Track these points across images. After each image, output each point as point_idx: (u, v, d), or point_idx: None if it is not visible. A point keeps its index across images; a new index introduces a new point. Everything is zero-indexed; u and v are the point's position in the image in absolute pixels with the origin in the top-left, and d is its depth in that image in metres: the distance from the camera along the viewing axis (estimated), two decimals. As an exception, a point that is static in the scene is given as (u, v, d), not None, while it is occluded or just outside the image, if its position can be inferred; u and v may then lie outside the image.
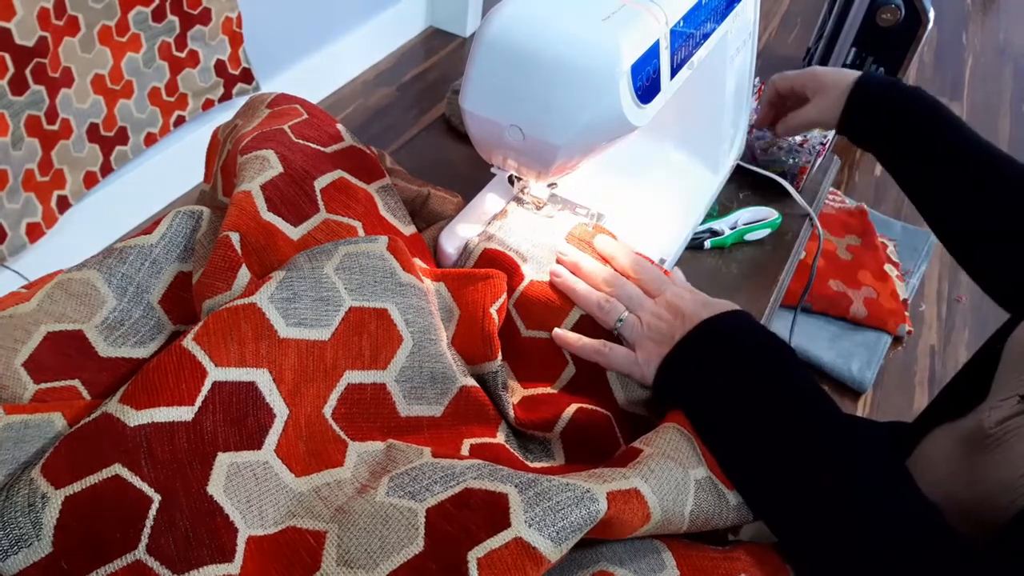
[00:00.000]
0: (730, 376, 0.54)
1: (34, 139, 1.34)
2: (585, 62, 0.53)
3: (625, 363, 0.59)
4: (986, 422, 0.55)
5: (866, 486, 0.48)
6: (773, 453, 0.51)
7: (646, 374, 0.58)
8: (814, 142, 0.93)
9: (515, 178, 0.69)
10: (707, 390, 0.54)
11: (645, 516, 0.45)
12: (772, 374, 0.54)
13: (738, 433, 0.52)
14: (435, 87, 2.25)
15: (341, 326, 0.52)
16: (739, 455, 0.52)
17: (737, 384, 0.53)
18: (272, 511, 0.46)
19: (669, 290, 0.62)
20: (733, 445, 0.52)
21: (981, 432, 0.55)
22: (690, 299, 0.60)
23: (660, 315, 0.59)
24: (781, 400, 0.52)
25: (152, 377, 0.45)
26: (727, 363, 0.55)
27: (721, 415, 0.53)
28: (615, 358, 0.59)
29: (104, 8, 1.39)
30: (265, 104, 0.70)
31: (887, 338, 1.70)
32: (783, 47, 2.73)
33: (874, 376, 1.62)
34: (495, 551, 0.40)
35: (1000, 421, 0.54)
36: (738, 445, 0.52)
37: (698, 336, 0.57)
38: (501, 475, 0.45)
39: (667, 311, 0.59)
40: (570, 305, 0.62)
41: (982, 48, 3.01)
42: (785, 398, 0.52)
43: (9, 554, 0.40)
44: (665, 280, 0.63)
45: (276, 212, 0.58)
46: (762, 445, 0.51)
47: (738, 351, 0.55)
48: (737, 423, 0.52)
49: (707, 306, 0.59)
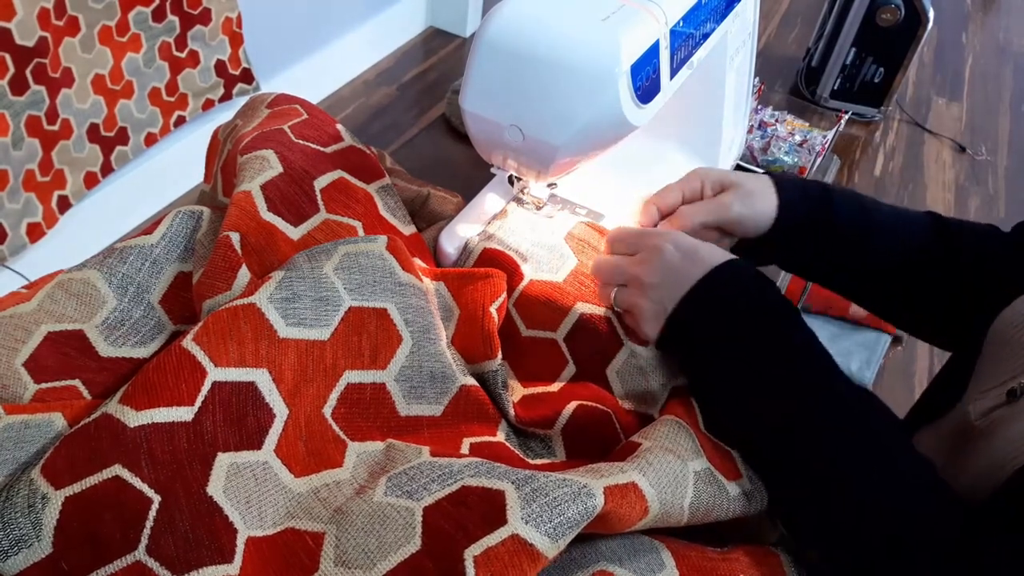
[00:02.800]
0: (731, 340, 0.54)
1: (34, 139, 1.34)
2: (585, 62, 0.54)
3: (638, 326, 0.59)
4: (972, 414, 0.55)
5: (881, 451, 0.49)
6: (781, 410, 0.51)
7: (649, 334, 0.58)
8: (814, 142, 0.93)
9: (515, 178, 0.69)
10: (710, 351, 0.55)
11: (643, 510, 0.45)
12: (776, 331, 0.54)
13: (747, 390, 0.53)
14: (435, 87, 2.25)
15: (341, 326, 0.52)
16: (746, 413, 0.52)
17: (739, 348, 0.54)
18: (271, 512, 0.46)
19: (648, 248, 0.60)
20: (740, 402, 0.53)
21: (967, 425, 0.55)
22: (671, 255, 0.58)
23: (642, 276, 0.59)
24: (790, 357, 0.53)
25: (152, 377, 0.45)
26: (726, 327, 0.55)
27: (727, 369, 0.54)
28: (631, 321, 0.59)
29: (104, 8, 1.39)
30: (265, 104, 0.70)
31: (886, 338, 1.70)
32: (783, 47, 2.73)
33: (873, 376, 1.62)
34: (492, 548, 0.40)
35: (985, 412, 0.54)
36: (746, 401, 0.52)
37: (700, 291, 0.56)
38: (498, 472, 0.45)
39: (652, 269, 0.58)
40: (570, 305, 0.62)
41: (982, 48, 3.01)
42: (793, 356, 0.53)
43: (9, 555, 0.40)
44: (641, 235, 0.62)
45: (276, 212, 0.58)
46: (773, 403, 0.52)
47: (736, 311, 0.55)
48: (745, 379, 0.53)
49: (692, 257, 0.57)
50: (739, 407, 0.54)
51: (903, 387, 1.67)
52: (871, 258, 0.66)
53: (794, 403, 0.51)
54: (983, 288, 0.63)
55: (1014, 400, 0.52)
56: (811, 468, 0.49)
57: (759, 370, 0.53)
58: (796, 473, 0.50)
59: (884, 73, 2.33)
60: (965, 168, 2.39)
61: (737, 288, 0.56)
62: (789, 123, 1.02)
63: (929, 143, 2.47)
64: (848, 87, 2.40)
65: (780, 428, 0.51)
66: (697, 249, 0.58)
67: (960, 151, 2.45)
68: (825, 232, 0.66)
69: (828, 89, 2.41)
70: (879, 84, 2.37)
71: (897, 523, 0.46)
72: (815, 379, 0.52)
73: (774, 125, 0.99)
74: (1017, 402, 0.52)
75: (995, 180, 2.37)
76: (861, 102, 2.42)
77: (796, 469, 0.50)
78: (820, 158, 0.96)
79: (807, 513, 0.50)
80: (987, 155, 2.45)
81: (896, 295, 0.69)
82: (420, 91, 2.23)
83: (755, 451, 0.53)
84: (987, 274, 0.64)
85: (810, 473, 0.49)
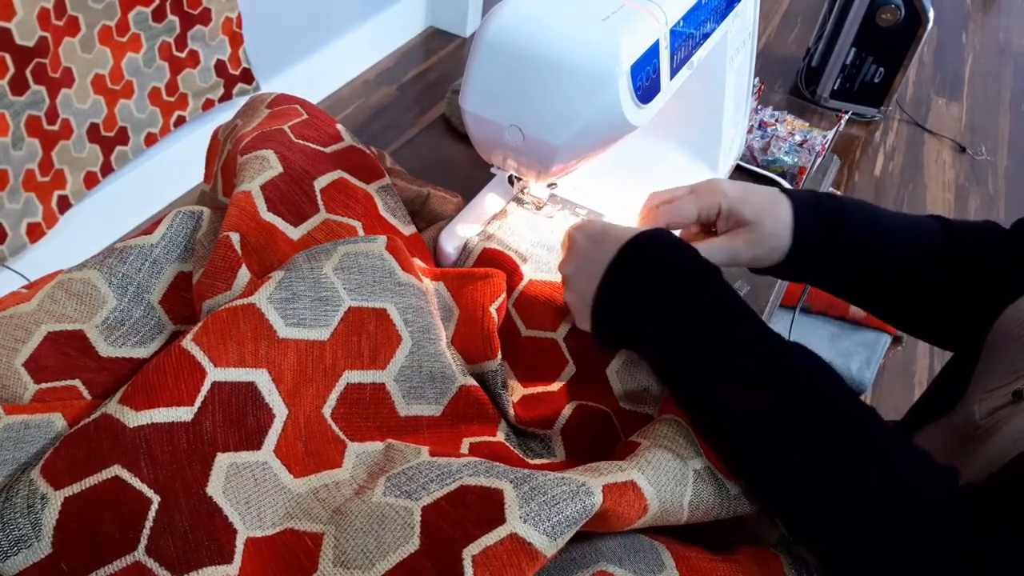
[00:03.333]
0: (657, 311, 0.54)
1: (34, 139, 1.34)
2: (584, 62, 0.53)
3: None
4: (976, 413, 0.55)
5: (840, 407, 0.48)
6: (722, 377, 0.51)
7: (582, 325, 0.58)
8: (814, 142, 0.93)
9: (515, 178, 0.69)
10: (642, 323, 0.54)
11: (642, 508, 0.45)
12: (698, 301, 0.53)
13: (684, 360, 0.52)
14: (435, 87, 2.25)
15: (340, 326, 0.52)
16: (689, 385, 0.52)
17: (668, 319, 0.53)
18: (271, 512, 0.46)
19: (569, 246, 0.60)
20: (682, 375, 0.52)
21: (971, 424, 0.55)
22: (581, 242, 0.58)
23: (565, 273, 0.59)
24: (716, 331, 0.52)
25: (151, 378, 0.45)
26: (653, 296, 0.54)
27: (660, 347, 0.53)
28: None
29: (104, 8, 1.39)
30: (265, 104, 0.70)
31: (886, 338, 1.70)
32: (783, 47, 2.73)
33: (873, 376, 1.62)
34: (490, 547, 0.40)
35: (990, 412, 0.54)
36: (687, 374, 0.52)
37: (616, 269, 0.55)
38: (496, 471, 0.45)
39: (570, 266, 0.59)
40: (570, 305, 0.62)
41: (982, 48, 3.01)
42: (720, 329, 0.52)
43: (9, 555, 0.40)
44: (567, 231, 0.62)
45: (276, 212, 0.58)
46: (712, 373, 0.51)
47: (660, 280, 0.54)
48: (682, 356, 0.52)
49: (599, 240, 0.57)
50: (684, 378, 0.53)
51: (903, 387, 1.67)
52: (884, 269, 0.66)
53: (737, 360, 0.50)
54: (985, 287, 0.63)
55: (1020, 400, 0.52)
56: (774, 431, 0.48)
57: (693, 341, 0.52)
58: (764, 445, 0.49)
59: (884, 73, 2.33)
60: (965, 168, 2.39)
61: (650, 262, 0.55)
62: (789, 123, 1.02)
63: (929, 143, 2.47)
64: (848, 87, 2.40)
65: (734, 395, 0.50)
66: (606, 231, 0.57)
67: (960, 151, 2.45)
68: (839, 253, 0.64)
69: (828, 89, 2.41)
70: (879, 84, 2.37)
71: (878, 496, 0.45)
72: (753, 331, 0.51)
73: (774, 125, 0.99)
74: (1023, 402, 0.52)
75: (995, 180, 2.37)
76: (861, 102, 2.42)
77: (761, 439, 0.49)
78: (820, 158, 0.96)
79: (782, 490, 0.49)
80: (987, 155, 2.46)
81: (904, 300, 0.68)
82: (420, 91, 2.23)
83: (718, 429, 0.51)
84: (989, 273, 0.64)
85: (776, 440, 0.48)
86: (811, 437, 0.47)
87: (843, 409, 0.48)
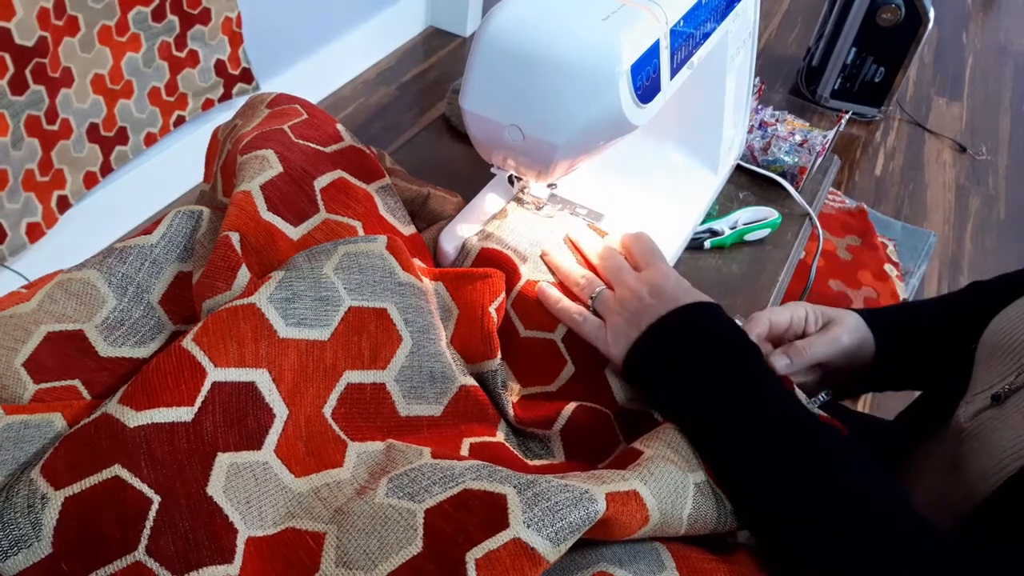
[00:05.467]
0: (699, 365, 0.54)
1: (34, 139, 1.34)
2: (585, 62, 0.53)
3: (595, 334, 0.59)
4: (961, 417, 0.57)
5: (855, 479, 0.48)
6: (746, 448, 0.51)
7: (612, 351, 0.58)
8: (814, 142, 0.93)
9: (515, 178, 0.69)
10: (677, 376, 0.54)
11: (644, 518, 0.45)
12: (741, 368, 0.54)
13: (711, 429, 0.52)
14: (435, 87, 2.25)
15: (340, 326, 0.52)
16: (714, 451, 0.52)
17: (707, 375, 0.54)
18: (271, 512, 0.46)
19: (655, 266, 0.61)
20: (707, 440, 0.52)
21: (957, 427, 0.57)
22: (673, 281, 0.60)
23: (636, 291, 0.59)
24: (753, 397, 0.52)
25: (152, 378, 0.45)
26: (699, 351, 0.55)
27: (690, 404, 0.53)
28: (587, 327, 0.60)
29: (104, 8, 1.39)
30: (265, 104, 0.70)
31: (887, 338, 1.70)
32: (783, 47, 2.73)
33: (874, 376, 1.62)
34: (493, 552, 0.40)
35: (974, 415, 0.55)
36: (713, 442, 0.52)
37: (675, 319, 0.56)
38: (500, 476, 0.45)
39: (646, 288, 0.59)
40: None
41: (982, 48, 3.01)
42: (756, 395, 0.53)
43: (9, 555, 0.40)
44: (656, 254, 0.63)
45: (276, 212, 0.58)
46: (736, 443, 0.51)
47: (710, 341, 0.55)
48: (708, 416, 0.52)
49: (688, 293, 0.59)
50: (705, 434, 0.53)
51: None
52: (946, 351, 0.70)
53: (759, 430, 0.51)
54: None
55: (998, 403, 0.54)
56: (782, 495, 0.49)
57: (723, 398, 0.53)
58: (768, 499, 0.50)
59: (884, 73, 2.33)
60: (965, 168, 2.39)
61: (703, 324, 0.57)
62: (789, 123, 1.02)
63: (929, 143, 2.47)
64: (848, 87, 2.40)
65: (746, 458, 0.50)
66: (673, 292, 0.59)
67: (960, 151, 2.45)
68: (907, 336, 0.70)
69: (828, 89, 2.41)
70: (879, 84, 2.37)
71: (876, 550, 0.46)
72: (781, 406, 0.52)
73: (774, 125, 0.99)
74: (1002, 405, 0.53)
75: (995, 180, 2.37)
76: (861, 102, 2.42)
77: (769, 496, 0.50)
78: (820, 158, 0.96)
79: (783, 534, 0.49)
80: (987, 155, 2.46)
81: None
82: (420, 91, 2.23)
83: (726, 473, 0.52)
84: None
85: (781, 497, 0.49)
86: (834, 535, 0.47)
87: (873, 502, 0.48)
